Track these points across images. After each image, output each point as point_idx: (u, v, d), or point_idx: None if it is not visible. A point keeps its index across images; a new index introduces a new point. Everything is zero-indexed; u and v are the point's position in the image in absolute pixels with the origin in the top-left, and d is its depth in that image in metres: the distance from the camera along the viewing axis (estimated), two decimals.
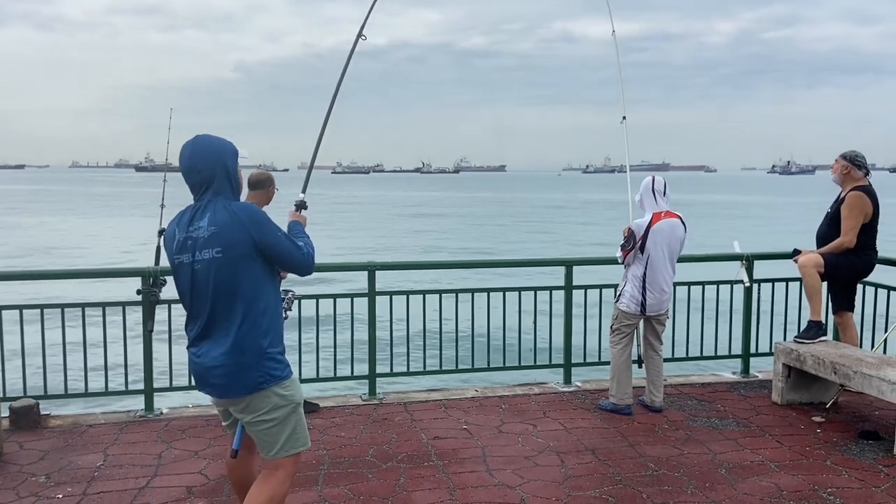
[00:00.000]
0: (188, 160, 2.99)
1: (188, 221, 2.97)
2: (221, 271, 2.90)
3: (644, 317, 5.51)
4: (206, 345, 2.98)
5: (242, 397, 2.98)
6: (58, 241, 30.91)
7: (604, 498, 4.03)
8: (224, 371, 2.94)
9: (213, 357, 2.95)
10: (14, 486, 4.18)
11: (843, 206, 5.72)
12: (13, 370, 5.37)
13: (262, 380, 2.95)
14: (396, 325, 6.06)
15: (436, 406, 5.69)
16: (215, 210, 2.94)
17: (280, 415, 3.01)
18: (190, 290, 2.98)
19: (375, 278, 5.84)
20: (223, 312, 2.93)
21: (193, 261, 2.93)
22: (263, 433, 3.03)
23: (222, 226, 2.90)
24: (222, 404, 3.12)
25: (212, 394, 3.06)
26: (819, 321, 5.77)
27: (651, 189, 5.43)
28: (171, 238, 3.03)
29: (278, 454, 3.05)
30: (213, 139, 3.05)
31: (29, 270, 7.98)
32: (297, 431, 3.08)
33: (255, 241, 2.92)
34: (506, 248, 28.95)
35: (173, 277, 3.07)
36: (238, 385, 2.95)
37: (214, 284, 2.91)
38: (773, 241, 20.29)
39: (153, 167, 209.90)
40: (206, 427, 5.20)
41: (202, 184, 2.98)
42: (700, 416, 5.45)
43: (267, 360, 2.97)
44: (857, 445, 4.84)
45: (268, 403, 2.99)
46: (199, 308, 2.97)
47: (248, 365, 2.93)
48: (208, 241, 2.90)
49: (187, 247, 2.94)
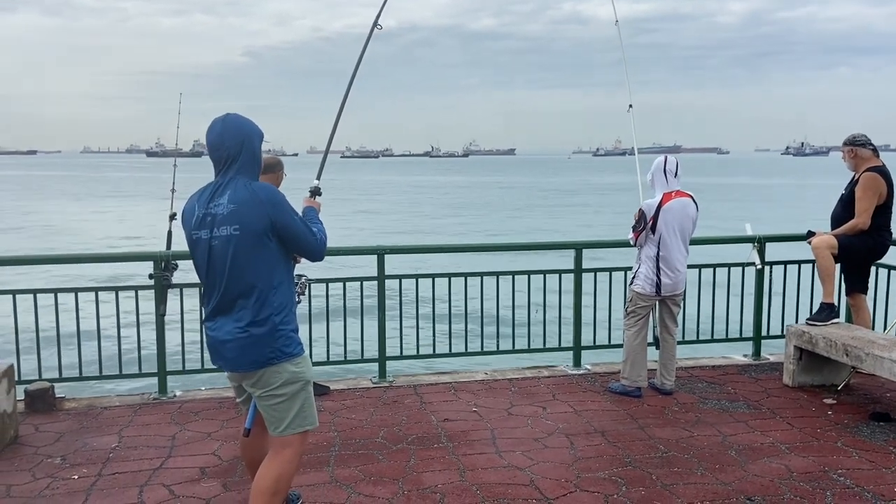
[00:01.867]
0: (217, 136, 3.05)
1: (208, 198, 3.03)
2: (238, 248, 2.96)
3: (659, 298, 5.49)
4: (221, 319, 3.06)
5: (254, 371, 3.05)
6: (73, 226, 31.14)
7: (613, 479, 4.05)
8: (237, 345, 3.01)
9: (227, 331, 3.03)
10: (30, 468, 4.24)
11: (858, 187, 5.68)
12: (28, 353, 5.44)
13: (273, 355, 3.03)
14: (406, 309, 6.08)
15: (445, 389, 5.71)
16: (236, 188, 2.99)
17: (290, 391, 3.08)
18: (206, 266, 3.04)
19: (385, 262, 5.85)
20: (238, 288, 2.99)
21: (211, 237, 2.99)
22: (273, 408, 3.09)
23: (241, 203, 2.96)
24: (235, 378, 3.20)
25: (225, 367, 3.14)
26: (831, 303, 5.74)
27: (663, 169, 5.40)
28: (190, 213, 3.08)
29: (286, 431, 3.11)
30: (243, 119, 3.11)
31: (42, 255, 8.05)
32: (306, 409, 3.14)
33: (272, 221, 2.98)
34: (516, 234, 28.91)
35: (190, 252, 3.12)
36: (250, 359, 3.03)
37: (231, 261, 2.97)
38: (786, 224, 20.14)
39: (164, 152, 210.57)
40: (218, 409, 5.25)
41: (227, 160, 3.03)
42: (710, 398, 5.45)
43: (279, 336, 3.04)
44: (869, 427, 4.83)
45: (278, 378, 3.05)
46: (215, 283, 3.04)
47: (260, 340, 3.00)
48: (227, 218, 2.96)
49: (206, 223, 3.00)
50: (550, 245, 7.34)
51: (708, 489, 3.92)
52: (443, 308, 6.14)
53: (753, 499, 3.80)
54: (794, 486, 3.95)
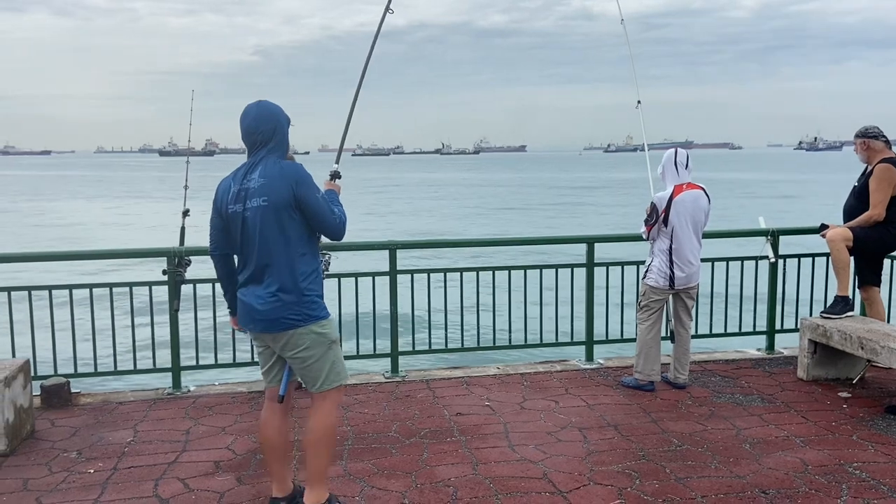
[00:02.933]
0: (252, 120, 3.34)
1: (243, 175, 3.32)
2: (267, 218, 3.24)
3: (673, 291, 5.46)
4: (253, 286, 3.32)
5: (282, 332, 3.30)
6: (89, 223, 31.38)
7: (627, 472, 4.04)
8: (268, 309, 3.27)
9: (258, 296, 3.29)
10: (47, 462, 4.28)
11: (872, 178, 5.63)
12: (44, 349, 5.49)
13: (300, 318, 3.29)
14: (418, 304, 6.08)
15: (458, 383, 5.72)
16: (266, 165, 3.29)
17: (318, 351, 3.35)
18: (240, 237, 3.31)
19: (397, 257, 5.86)
20: (268, 256, 3.26)
21: (244, 209, 3.27)
22: (307, 369, 3.38)
23: (271, 178, 3.25)
24: (264, 341, 3.43)
25: (255, 329, 3.37)
26: (846, 296, 5.70)
27: (674, 161, 5.37)
28: (225, 190, 3.36)
29: (322, 387, 3.40)
30: (274, 105, 3.42)
31: (57, 251, 8.12)
32: (336, 366, 3.42)
33: (296, 196, 3.25)
34: (531, 230, 28.87)
35: (226, 226, 3.37)
36: (280, 322, 3.28)
37: (261, 230, 3.25)
38: (799, 218, 20.00)
39: (176, 151, 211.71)
40: (232, 404, 5.28)
41: (260, 142, 3.33)
42: (724, 392, 5.42)
43: (306, 301, 3.30)
44: (884, 420, 4.79)
45: (305, 340, 3.32)
46: (249, 253, 3.31)
47: (289, 304, 3.27)
48: (257, 191, 3.25)
49: (240, 197, 3.29)
50: (562, 239, 7.32)
51: (722, 482, 3.90)
52: (454, 303, 6.14)
53: (768, 492, 3.78)
54: (810, 479, 3.93)
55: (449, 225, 31.50)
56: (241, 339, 5.89)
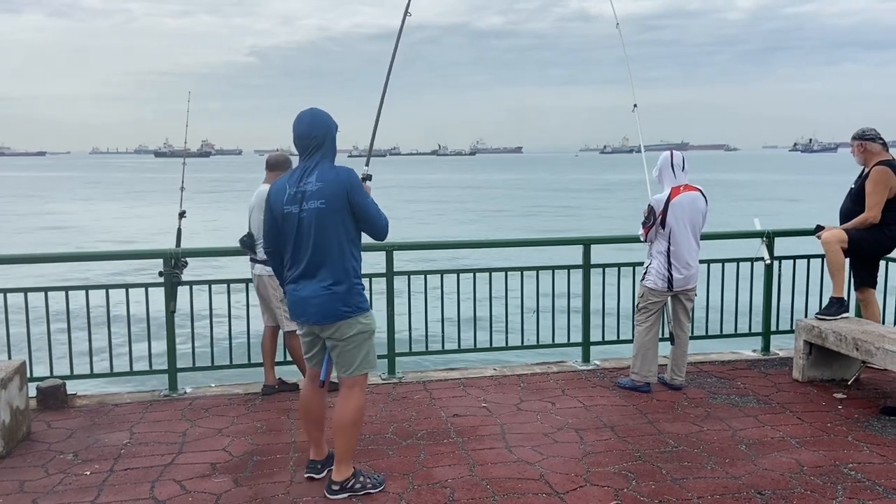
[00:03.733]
0: (307, 126, 3.63)
1: (298, 178, 3.61)
2: (323, 219, 3.55)
3: (672, 293, 5.48)
4: (304, 281, 3.64)
5: (333, 322, 3.64)
6: (86, 224, 31.32)
7: (623, 474, 4.05)
8: (321, 301, 3.60)
9: (311, 290, 3.61)
10: (43, 464, 4.28)
11: (868, 180, 5.65)
12: (40, 351, 5.48)
13: (350, 309, 3.64)
14: (415, 305, 6.09)
15: (455, 384, 5.72)
16: (322, 170, 3.59)
17: (359, 340, 3.70)
18: (295, 236, 3.61)
19: (394, 258, 5.86)
20: (322, 254, 3.57)
21: (301, 210, 3.57)
22: (345, 354, 3.70)
23: (328, 182, 3.55)
24: (312, 331, 3.76)
25: (307, 321, 3.70)
26: (841, 297, 5.72)
27: (670, 163, 5.39)
28: (280, 191, 3.65)
29: (353, 373, 3.73)
30: (325, 113, 3.70)
31: (53, 253, 8.09)
32: (370, 355, 3.77)
33: (350, 200, 3.57)
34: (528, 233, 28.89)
35: (278, 225, 3.67)
36: (331, 313, 3.62)
37: (316, 230, 3.56)
38: (795, 220, 20.04)
39: (172, 153, 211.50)
40: (229, 405, 5.27)
41: (315, 147, 3.62)
42: (720, 393, 5.43)
43: (355, 294, 3.65)
44: (879, 421, 4.81)
45: (352, 329, 3.66)
46: (302, 250, 3.61)
47: (340, 297, 3.61)
48: (314, 194, 3.55)
49: (297, 199, 3.58)
50: (559, 241, 7.33)
51: (718, 483, 3.91)
52: (451, 304, 6.14)
53: (764, 493, 3.80)
54: (805, 480, 3.94)
55: (445, 227, 31.50)
56: (238, 341, 5.89)
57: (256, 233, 5.28)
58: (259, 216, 5.27)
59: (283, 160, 5.39)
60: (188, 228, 5.86)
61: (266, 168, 5.44)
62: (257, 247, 5.28)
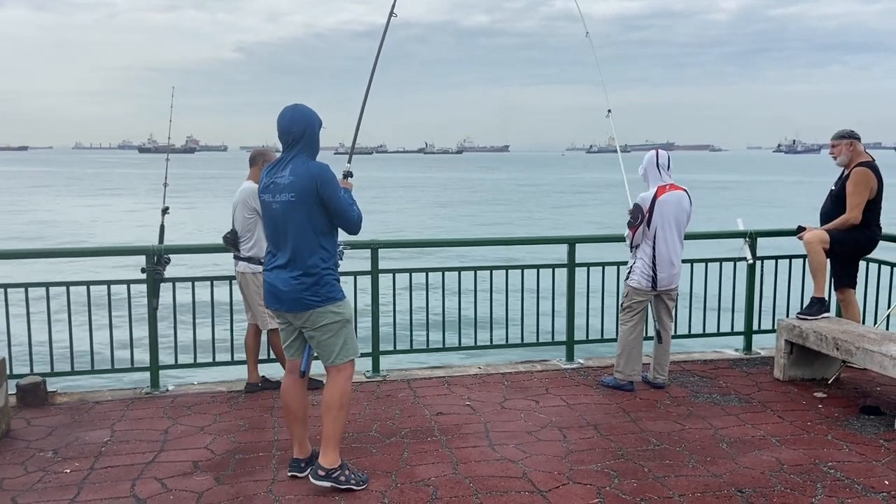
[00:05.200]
0: (288, 121, 3.72)
1: (275, 170, 3.73)
2: (293, 212, 3.65)
3: (655, 293, 5.50)
4: (278, 270, 3.74)
5: (304, 311, 3.73)
6: (68, 220, 31.01)
7: (605, 472, 4.06)
8: (290, 290, 3.69)
9: (284, 279, 3.71)
10: (22, 462, 4.23)
11: (849, 182, 5.70)
12: (20, 348, 5.42)
13: (318, 300, 3.72)
14: (399, 303, 6.08)
15: (439, 383, 5.72)
16: (296, 164, 3.69)
17: (335, 329, 3.78)
18: (271, 225, 3.75)
19: (378, 256, 5.85)
20: (293, 245, 3.68)
21: (273, 200, 3.69)
22: (323, 344, 3.80)
23: (299, 176, 3.65)
24: (288, 319, 3.83)
25: (280, 309, 3.79)
26: (822, 298, 5.78)
27: (655, 163, 5.42)
28: (261, 180, 3.81)
29: (335, 361, 3.83)
30: (308, 108, 3.79)
31: (34, 249, 8.01)
32: (348, 343, 3.85)
33: (320, 194, 3.64)
34: (512, 230, 28.95)
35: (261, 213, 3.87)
36: (303, 302, 3.71)
37: (288, 221, 3.66)
38: (777, 220, 20.27)
39: (156, 148, 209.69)
40: (211, 403, 5.24)
41: (294, 141, 3.72)
42: (702, 392, 5.47)
43: (325, 284, 3.73)
44: (859, 420, 4.87)
45: (324, 318, 3.75)
46: (277, 240, 3.75)
47: (310, 287, 3.69)
48: (287, 187, 3.66)
49: (270, 189, 3.71)
50: (544, 239, 7.35)
51: (699, 481, 3.94)
52: (436, 303, 6.13)
53: (744, 491, 3.83)
54: (785, 478, 3.98)
55: (430, 224, 31.49)
56: (221, 338, 5.86)
57: (240, 230, 5.25)
58: (243, 213, 5.24)
59: (267, 154, 5.36)
60: (171, 224, 5.82)
61: (250, 164, 5.42)
62: (241, 244, 5.25)
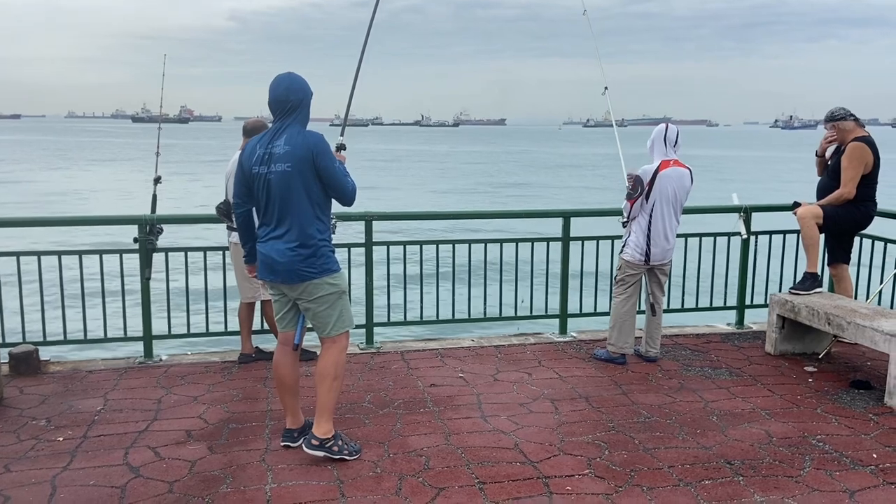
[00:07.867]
0: (284, 89, 3.66)
1: (269, 140, 3.66)
2: (289, 182, 3.60)
3: (648, 267, 5.51)
4: (273, 241, 3.70)
5: (300, 283, 3.70)
6: (63, 189, 30.81)
7: (596, 443, 4.10)
8: (286, 261, 3.66)
9: (279, 251, 3.67)
10: (15, 430, 4.24)
11: (843, 156, 5.69)
12: (12, 317, 5.40)
13: (314, 271, 3.69)
14: (393, 275, 6.07)
15: (432, 355, 5.74)
16: (291, 133, 3.64)
17: (331, 300, 3.77)
18: (265, 196, 3.67)
19: (373, 228, 5.83)
20: (289, 215, 3.64)
21: (269, 171, 3.63)
22: (318, 315, 3.79)
23: (295, 146, 3.60)
24: (280, 290, 3.81)
25: (275, 280, 3.76)
26: (815, 273, 5.79)
27: (663, 137, 5.39)
28: (251, 152, 3.71)
29: (331, 333, 3.82)
30: (302, 79, 3.73)
31: (25, 217, 7.95)
32: (344, 314, 3.84)
33: (316, 164, 3.61)
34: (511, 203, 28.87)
35: (248, 185, 3.74)
36: (298, 273, 3.68)
37: (283, 192, 3.61)
38: (773, 195, 20.25)
39: (150, 118, 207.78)
40: (205, 373, 5.25)
41: (288, 111, 3.67)
42: (694, 365, 5.50)
43: (321, 255, 3.70)
44: (849, 394, 4.91)
45: (320, 290, 3.73)
46: (271, 211, 3.68)
47: (306, 258, 3.66)
48: (282, 157, 3.60)
49: (265, 160, 3.64)
50: (538, 213, 7.34)
51: (689, 453, 3.98)
52: (430, 275, 6.13)
53: (733, 462, 3.87)
54: (774, 450, 4.02)
55: (425, 199, 31.41)
56: (215, 308, 5.85)
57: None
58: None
59: (260, 125, 5.31)
60: (163, 194, 5.77)
61: (243, 134, 5.36)
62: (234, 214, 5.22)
